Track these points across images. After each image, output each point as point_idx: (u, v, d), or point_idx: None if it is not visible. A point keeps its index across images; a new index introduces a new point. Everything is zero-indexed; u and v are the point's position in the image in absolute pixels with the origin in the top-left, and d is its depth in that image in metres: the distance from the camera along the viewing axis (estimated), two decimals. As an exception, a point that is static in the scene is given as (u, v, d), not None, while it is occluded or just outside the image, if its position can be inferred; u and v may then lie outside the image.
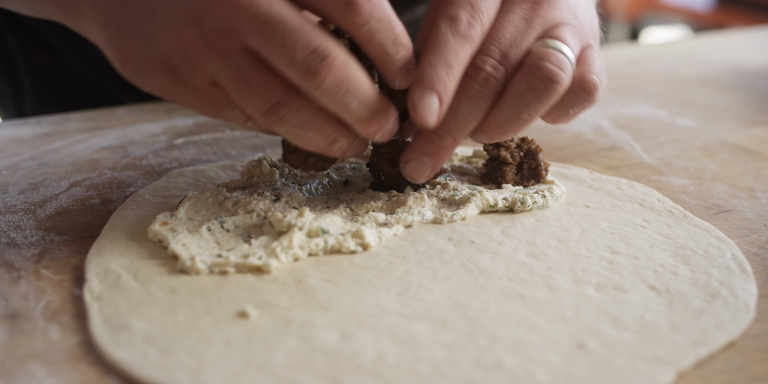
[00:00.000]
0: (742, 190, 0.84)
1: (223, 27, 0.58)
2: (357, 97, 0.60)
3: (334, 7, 0.60)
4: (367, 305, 0.61)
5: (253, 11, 0.57)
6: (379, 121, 0.63)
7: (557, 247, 0.70)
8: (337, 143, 0.64)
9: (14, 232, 0.72)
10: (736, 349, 0.58)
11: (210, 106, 0.64)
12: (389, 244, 0.70)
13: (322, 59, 0.57)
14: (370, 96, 0.61)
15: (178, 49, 0.60)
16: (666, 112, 1.11)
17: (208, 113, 0.66)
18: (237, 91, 0.60)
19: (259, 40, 0.58)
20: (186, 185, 0.80)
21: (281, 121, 0.61)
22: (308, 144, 0.63)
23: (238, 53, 0.59)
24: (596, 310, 0.61)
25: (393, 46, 0.62)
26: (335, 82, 0.58)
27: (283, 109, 0.60)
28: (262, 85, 0.60)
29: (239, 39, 0.58)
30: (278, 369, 0.54)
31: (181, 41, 0.60)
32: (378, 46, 0.61)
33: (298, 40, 0.57)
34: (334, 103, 0.60)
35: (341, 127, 0.63)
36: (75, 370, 0.54)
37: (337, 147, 0.64)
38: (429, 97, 0.64)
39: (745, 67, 1.35)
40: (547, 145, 0.93)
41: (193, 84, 0.62)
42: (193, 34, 0.59)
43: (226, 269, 0.64)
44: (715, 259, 0.68)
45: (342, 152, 0.65)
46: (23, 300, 0.61)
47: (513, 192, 0.78)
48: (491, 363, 0.54)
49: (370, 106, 0.61)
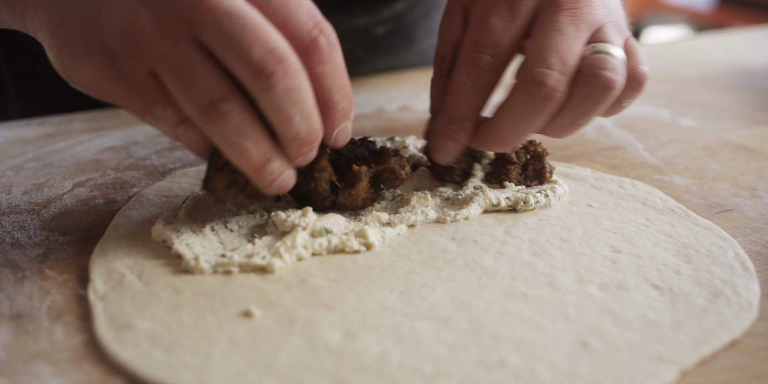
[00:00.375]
0: (744, 189, 0.84)
1: (179, 13, 0.56)
2: (301, 112, 0.58)
3: (296, 41, 0.58)
4: (371, 305, 0.61)
5: (215, 2, 0.55)
6: (312, 144, 0.61)
7: (560, 246, 0.70)
8: (271, 164, 0.60)
9: (18, 232, 0.72)
10: (739, 348, 0.58)
11: (140, 101, 0.60)
12: (392, 243, 0.70)
13: (279, 61, 0.55)
14: (312, 115, 0.59)
15: (123, 31, 0.57)
16: (668, 112, 1.11)
17: (136, 110, 0.61)
18: (177, 81, 0.57)
19: (216, 32, 0.55)
20: (189, 185, 0.81)
21: (220, 121, 0.57)
22: (242, 157, 0.59)
23: (188, 42, 0.56)
24: (599, 309, 0.61)
25: (339, 93, 0.61)
26: (286, 88, 0.56)
27: (227, 105, 0.57)
28: (207, 77, 0.56)
29: (193, 28, 0.56)
30: (282, 368, 0.54)
31: (129, 22, 0.57)
32: (326, 90, 0.60)
33: (257, 37, 0.55)
34: (278, 113, 0.57)
35: (278, 147, 0.60)
36: (80, 369, 0.54)
37: (269, 170, 0.61)
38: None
39: (746, 67, 1.35)
40: (549, 144, 0.93)
41: (128, 71, 0.58)
42: (145, 16, 0.56)
43: (230, 269, 0.64)
44: (718, 258, 0.69)
45: (271, 179, 0.61)
46: (28, 300, 0.62)
47: (516, 191, 0.78)
48: (495, 362, 0.55)
49: (311, 125, 0.59)
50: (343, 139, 0.65)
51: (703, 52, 1.47)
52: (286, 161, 0.62)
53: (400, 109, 1.09)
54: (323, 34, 0.59)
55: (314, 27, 0.58)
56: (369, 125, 1.03)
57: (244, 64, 0.55)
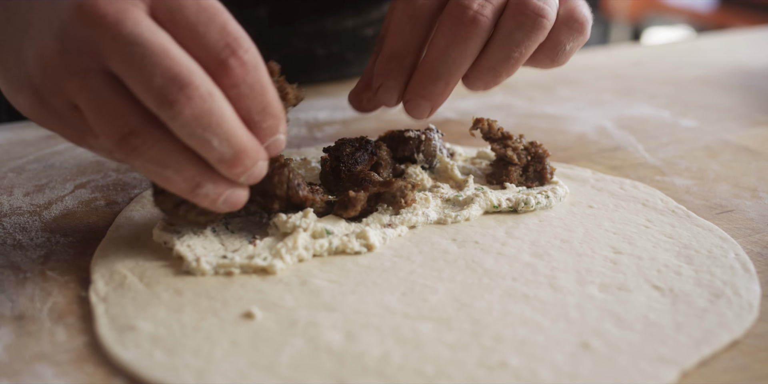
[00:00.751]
0: (745, 190, 0.85)
1: (85, 46, 0.54)
2: (219, 135, 0.55)
3: (208, 64, 0.55)
4: (372, 306, 0.61)
5: (116, 31, 0.53)
6: (244, 164, 0.58)
7: (561, 247, 0.70)
8: (202, 188, 0.58)
9: (20, 233, 0.72)
10: (740, 349, 0.58)
11: (73, 132, 0.60)
12: (393, 244, 0.70)
13: (180, 88, 0.53)
14: (235, 134, 0.56)
15: (40, 66, 0.56)
16: (669, 113, 1.11)
17: (72, 139, 0.61)
18: (91, 115, 0.56)
19: (120, 62, 0.53)
20: (190, 187, 0.81)
21: (135, 154, 0.55)
22: (167, 184, 0.58)
23: (98, 75, 0.55)
24: (600, 309, 0.61)
25: (260, 114, 0.58)
26: (194, 114, 0.54)
27: (137, 140, 0.55)
28: (117, 111, 0.55)
29: (100, 60, 0.54)
30: (284, 369, 0.54)
31: (43, 57, 0.56)
32: (245, 111, 0.57)
33: (157, 65, 0.52)
34: (192, 139, 0.55)
35: (208, 170, 0.58)
36: (82, 370, 0.54)
37: (202, 193, 0.58)
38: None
39: (747, 68, 1.35)
40: (550, 145, 0.93)
41: (54, 105, 0.58)
42: (56, 49, 0.55)
43: (231, 270, 0.65)
44: (719, 258, 0.69)
45: (210, 201, 0.59)
46: (29, 301, 0.62)
47: (516, 192, 0.78)
48: (496, 363, 0.55)
49: (234, 146, 0.56)
50: (275, 150, 0.61)
51: (703, 53, 1.47)
52: (223, 182, 0.59)
53: (401, 110, 1.09)
54: (235, 55, 0.55)
55: (225, 48, 0.55)
56: (370, 126, 1.03)
57: (147, 93, 0.53)
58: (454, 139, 0.97)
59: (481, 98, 1.15)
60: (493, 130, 0.82)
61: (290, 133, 1.00)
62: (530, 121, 1.06)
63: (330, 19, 1.19)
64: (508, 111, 1.11)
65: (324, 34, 1.20)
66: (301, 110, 1.09)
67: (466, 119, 1.06)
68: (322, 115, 1.07)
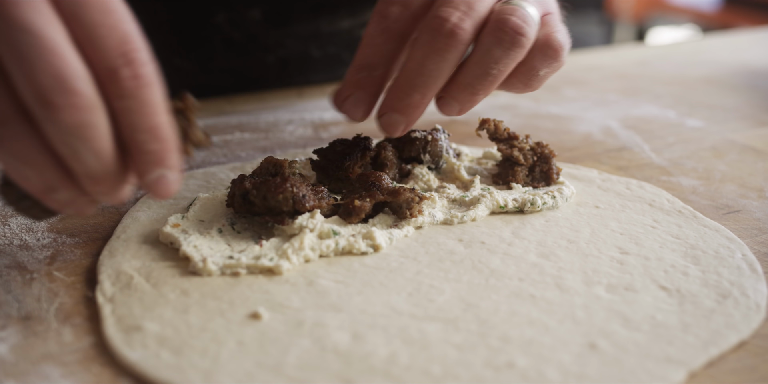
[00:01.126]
0: (751, 190, 0.84)
1: None
2: (90, 149, 0.52)
3: (100, 70, 0.52)
4: (379, 306, 0.61)
5: (9, 13, 0.50)
6: (109, 184, 0.55)
7: (567, 247, 0.70)
8: (56, 193, 0.55)
9: (26, 234, 0.72)
10: (747, 349, 0.58)
11: None
12: (400, 245, 0.70)
13: (64, 92, 0.50)
14: (106, 153, 0.53)
15: None
16: (674, 113, 1.11)
17: None
18: None
19: (6, 45, 0.50)
20: (196, 187, 0.81)
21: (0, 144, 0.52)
22: (22, 181, 0.55)
23: None
24: (607, 310, 0.61)
25: (145, 134, 0.53)
26: (72, 123, 0.50)
27: (7, 130, 0.52)
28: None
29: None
30: (291, 370, 0.54)
31: None
32: (128, 127, 0.53)
33: (46, 62, 0.49)
34: (63, 146, 0.52)
35: (67, 177, 0.55)
36: (88, 371, 0.54)
37: (54, 198, 0.56)
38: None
39: (752, 68, 1.35)
40: (556, 146, 0.93)
41: None
42: None
43: (237, 271, 0.65)
44: (726, 259, 0.68)
45: (60, 205, 0.56)
46: (36, 302, 0.62)
47: (523, 193, 0.78)
48: (503, 363, 0.55)
49: (103, 164, 0.53)
50: (161, 190, 0.56)
51: (708, 52, 1.47)
52: (79, 192, 0.56)
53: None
54: (129, 66, 0.52)
55: (121, 56, 0.52)
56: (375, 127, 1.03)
57: (29, 87, 0.50)
58: (460, 139, 0.97)
59: (487, 99, 1.15)
60: (500, 131, 0.82)
61: (296, 133, 1.00)
62: (536, 122, 1.06)
63: (325, 20, 1.19)
64: (514, 111, 1.10)
65: (319, 35, 1.20)
66: (306, 110, 1.09)
67: (472, 119, 1.06)
68: (327, 115, 1.07)
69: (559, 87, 1.22)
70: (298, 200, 0.69)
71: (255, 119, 1.05)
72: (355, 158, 0.76)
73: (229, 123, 1.03)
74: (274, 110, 1.09)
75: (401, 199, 0.72)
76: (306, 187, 0.70)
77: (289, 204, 0.68)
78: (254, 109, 1.09)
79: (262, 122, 1.04)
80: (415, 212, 0.72)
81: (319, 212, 0.70)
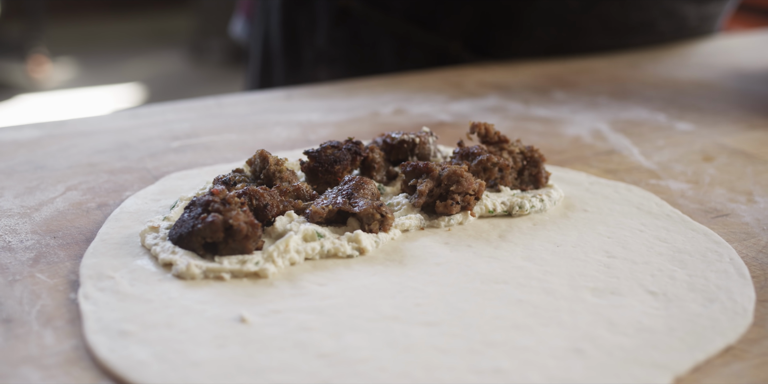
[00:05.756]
0: (740, 194, 0.84)
1: None
2: None
3: None
4: (363, 309, 0.60)
5: None
6: None
7: (554, 251, 0.70)
8: None
9: (10, 235, 0.71)
10: (734, 354, 0.57)
11: None
12: (386, 248, 0.69)
13: None
14: None
15: None
16: (664, 116, 1.10)
17: None
18: None
19: None
20: (181, 188, 0.80)
21: None
22: None
23: None
24: (593, 314, 0.60)
25: None
26: None
27: None
28: None
29: None
30: (273, 373, 0.53)
31: None
32: None
33: None
34: None
35: None
36: (69, 374, 0.54)
37: None
38: None
39: (743, 71, 1.35)
40: (545, 148, 0.93)
41: None
42: None
43: (221, 275, 0.64)
44: (713, 263, 0.68)
45: None
46: (18, 304, 0.61)
47: (511, 196, 0.78)
48: (487, 367, 0.54)
49: None
50: None
51: (700, 56, 1.46)
52: None
53: (395, 113, 1.09)
54: None
55: None
56: (364, 129, 1.03)
57: None
58: (448, 141, 0.97)
59: (475, 101, 1.15)
60: (490, 134, 0.81)
61: (283, 135, 1.00)
62: (525, 124, 1.06)
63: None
64: (503, 114, 1.10)
65: None
66: (294, 112, 1.08)
67: (460, 122, 1.06)
68: (315, 116, 1.07)
69: (549, 89, 1.21)
70: (260, 210, 0.69)
71: (242, 120, 1.04)
72: (345, 164, 0.76)
73: (217, 124, 1.03)
74: (263, 112, 1.08)
75: (362, 214, 0.71)
76: (270, 192, 0.70)
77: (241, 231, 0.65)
78: (242, 111, 1.08)
79: (250, 123, 1.04)
80: (376, 229, 0.71)
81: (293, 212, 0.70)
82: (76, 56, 4.03)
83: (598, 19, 1.35)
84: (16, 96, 3.55)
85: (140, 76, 3.88)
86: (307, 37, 1.40)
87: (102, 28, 4.36)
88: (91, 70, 3.93)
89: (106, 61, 4.04)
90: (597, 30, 1.37)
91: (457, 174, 0.73)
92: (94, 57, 4.07)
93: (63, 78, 3.80)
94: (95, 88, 3.69)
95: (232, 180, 0.75)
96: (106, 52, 4.15)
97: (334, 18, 1.36)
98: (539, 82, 1.25)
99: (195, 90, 3.44)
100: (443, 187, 0.73)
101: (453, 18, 1.32)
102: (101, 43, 4.23)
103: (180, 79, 3.87)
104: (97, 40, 4.26)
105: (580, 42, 1.38)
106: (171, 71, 4.02)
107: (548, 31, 1.34)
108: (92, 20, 4.38)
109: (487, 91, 1.19)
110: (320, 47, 1.39)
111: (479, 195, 0.74)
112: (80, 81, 3.78)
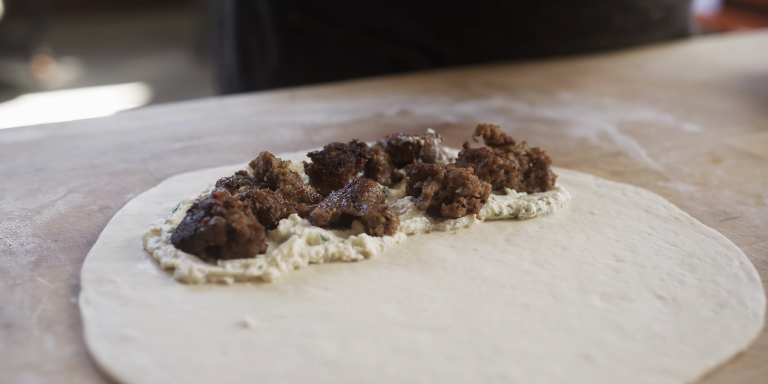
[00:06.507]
0: (749, 196, 0.83)
1: None
2: None
3: None
4: (368, 314, 0.59)
5: None
6: None
7: (562, 254, 0.69)
8: None
9: (10, 238, 0.71)
10: (745, 360, 0.57)
11: None
12: (391, 252, 0.69)
13: None
14: None
15: None
16: (671, 117, 1.09)
17: None
18: None
19: None
20: (184, 191, 0.79)
21: None
22: None
23: None
24: (602, 319, 0.59)
25: None
26: None
27: None
28: None
29: None
30: (277, 380, 0.52)
31: None
32: None
33: None
34: None
35: None
36: (70, 380, 0.53)
37: None
38: None
39: (750, 72, 1.34)
40: (551, 150, 0.92)
41: None
42: None
43: (224, 279, 0.63)
44: (723, 267, 0.67)
45: None
46: (18, 309, 0.60)
47: (517, 198, 0.77)
48: (495, 374, 0.53)
49: None
50: None
51: (706, 56, 1.45)
52: None
53: (399, 114, 1.08)
54: None
55: None
56: (368, 130, 1.02)
57: None
58: (454, 143, 0.96)
59: (481, 102, 1.14)
60: (496, 136, 0.81)
61: (286, 136, 0.99)
62: (531, 126, 1.05)
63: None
64: (509, 115, 1.09)
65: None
66: (298, 113, 1.07)
67: (465, 124, 1.05)
68: (319, 118, 1.06)
69: (555, 90, 1.20)
70: (264, 213, 0.68)
71: (245, 122, 1.04)
72: (349, 166, 0.75)
73: (220, 125, 1.02)
74: (266, 113, 1.08)
75: (367, 217, 0.70)
76: (273, 195, 0.69)
77: (244, 235, 0.65)
78: (245, 112, 1.08)
79: (253, 124, 1.03)
80: (381, 232, 0.70)
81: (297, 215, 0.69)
82: (79, 56, 4.02)
83: (544, 21, 1.31)
84: (20, 96, 3.54)
85: (144, 77, 3.87)
86: (259, 59, 1.39)
87: (106, 28, 4.36)
88: (95, 70, 3.92)
89: (110, 61, 4.03)
90: (546, 33, 1.32)
91: (463, 176, 0.72)
92: (97, 57, 4.06)
93: (67, 78, 3.80)
94: (99, 88, 3.69)
95: (235, 182, 0.74)
96: (110, 52, 4.14)
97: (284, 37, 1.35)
98: (544, 83, 1.24)
99: (198, 91, 3.43)
100: (449, 190, 0.73)
101: (406, 29, 1.30)
102: (105, 43, 4.23)
103: (183, 80, 3.87)
104: (100, 40, 4.25)
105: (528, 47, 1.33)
106: (174, 71, 4.01)
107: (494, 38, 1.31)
108: (96, 20, 4.38)
109: (492, 92, 1.18)
110: (272, 68, 1.38)
111: (485, 198, 0.73)
112: (84, 81, 3.78)
